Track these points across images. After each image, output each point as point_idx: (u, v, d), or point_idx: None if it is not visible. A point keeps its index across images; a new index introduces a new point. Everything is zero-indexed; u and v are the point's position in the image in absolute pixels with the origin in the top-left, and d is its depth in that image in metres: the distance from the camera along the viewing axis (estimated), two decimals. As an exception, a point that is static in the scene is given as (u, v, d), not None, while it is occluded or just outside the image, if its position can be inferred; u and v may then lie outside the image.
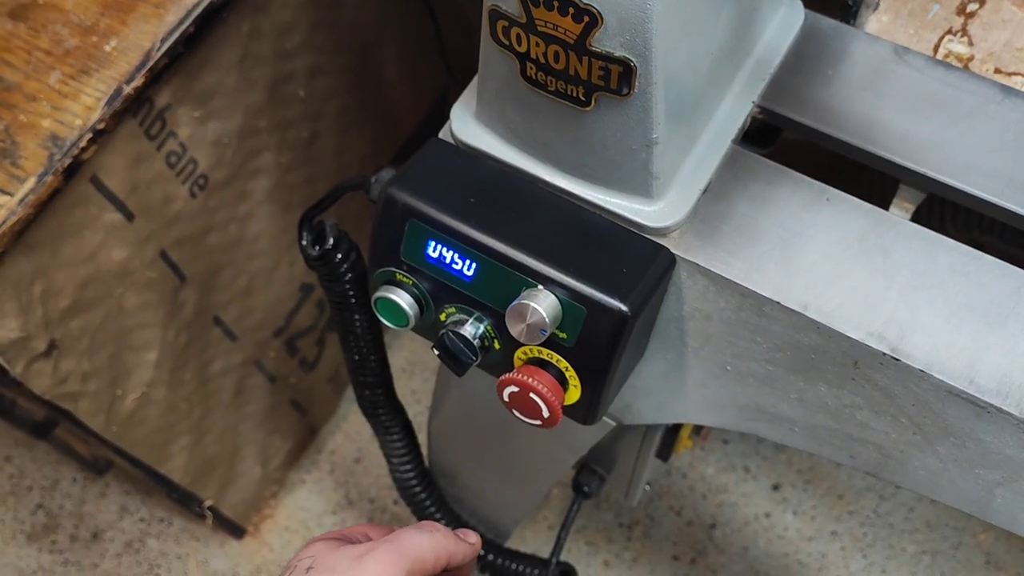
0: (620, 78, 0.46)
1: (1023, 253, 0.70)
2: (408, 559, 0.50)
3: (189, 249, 0.92)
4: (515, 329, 0.51)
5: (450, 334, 0.54)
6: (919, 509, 1.29)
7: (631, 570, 1.27)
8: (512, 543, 0.94)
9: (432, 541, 0.53)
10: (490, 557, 0.87)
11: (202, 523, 1.27)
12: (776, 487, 1.31)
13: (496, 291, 0.53)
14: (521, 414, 0.55)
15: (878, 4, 0.61)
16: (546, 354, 0.53)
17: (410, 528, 0.54)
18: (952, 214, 0.70)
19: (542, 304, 0.50)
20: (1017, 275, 0.51)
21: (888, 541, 1.27)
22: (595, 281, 0.50)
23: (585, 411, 0.55)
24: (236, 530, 1.28)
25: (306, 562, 0.51)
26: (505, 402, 0.55)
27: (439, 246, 0.53)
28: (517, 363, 0.55)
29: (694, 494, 1.31)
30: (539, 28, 0.46)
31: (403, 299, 0.56)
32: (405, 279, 0.56)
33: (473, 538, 0.58)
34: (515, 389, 0.53)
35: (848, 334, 0.50)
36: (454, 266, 0.54)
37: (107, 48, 0.75)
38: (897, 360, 0.49)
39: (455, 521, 0.85)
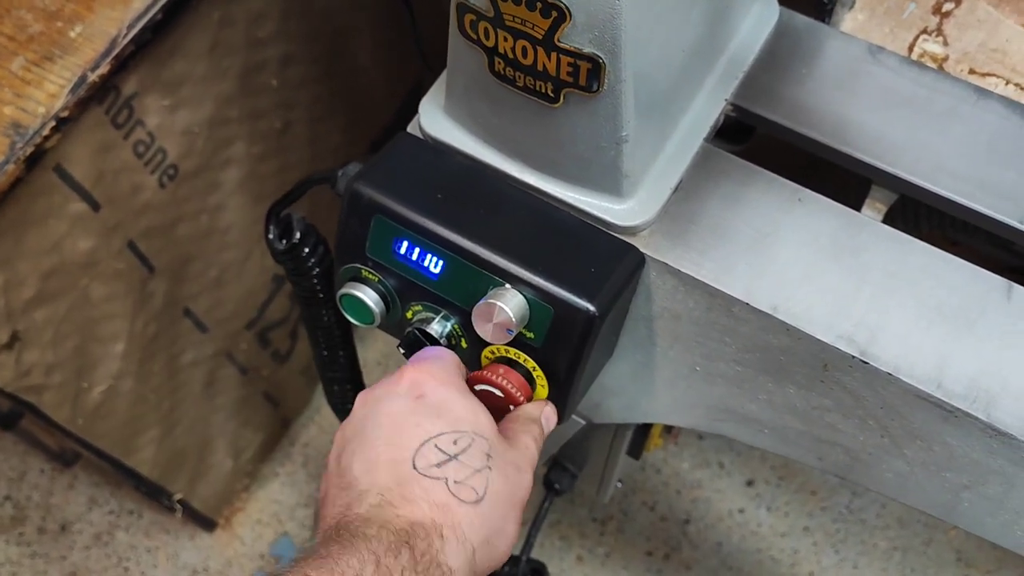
0: (589, 75, 0.45)
1: (994, 251, 0.70)
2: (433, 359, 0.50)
3: (158, 240, 0.91)
4: (482, 329, 0.50)
5: (416, 332, 0.53)
6: (891, 506, 1.29)
7: (604, 565, 1.27)
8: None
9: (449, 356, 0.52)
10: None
11: (172, 516, 1.26)
12: (750, 483, 1.31)
13: (463, 289, 0.52)
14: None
15: (854, 2, 0.61)
16: (513, 353, 0.53)
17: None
18: (927, 211, 0.70)
19: (509, 304, 0.49)
20: (987, 278, 0.51)
21: (860, 537, 1.28)
22: (563, 281, 0.50)
23: (552, 411, 0.55)
24: (207, 523, 1.27)
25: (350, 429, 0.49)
26: None
27: (405, 243, 0.52)
28: (484, 362, 0.54)
29: (668, 490, 1.31)
30: (507, 23, 0.45)
31: (369, 296, 0.55)
32: (371, 276, 0.55)
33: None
34: (484, 387, 0.53)
35: (818, 336, 0.49)
36: (421, 263, 0.53)
37: (72, 34, 0.73)
38: (866, 363, 0.48)
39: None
